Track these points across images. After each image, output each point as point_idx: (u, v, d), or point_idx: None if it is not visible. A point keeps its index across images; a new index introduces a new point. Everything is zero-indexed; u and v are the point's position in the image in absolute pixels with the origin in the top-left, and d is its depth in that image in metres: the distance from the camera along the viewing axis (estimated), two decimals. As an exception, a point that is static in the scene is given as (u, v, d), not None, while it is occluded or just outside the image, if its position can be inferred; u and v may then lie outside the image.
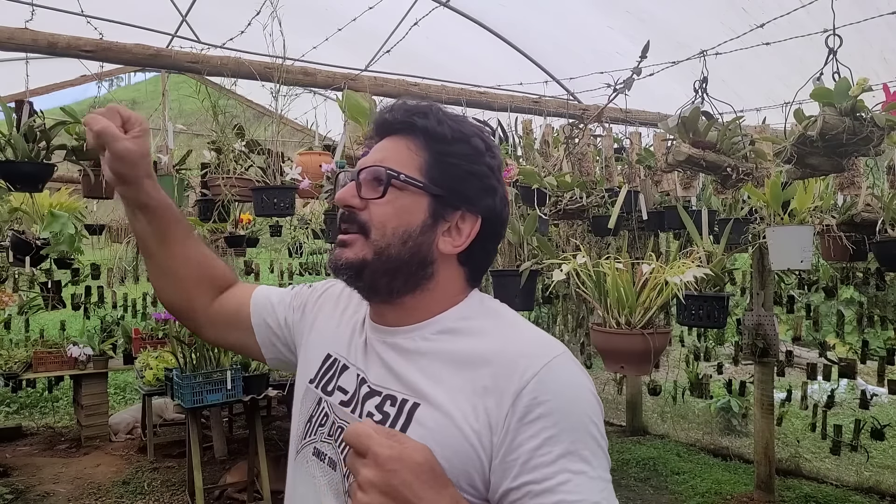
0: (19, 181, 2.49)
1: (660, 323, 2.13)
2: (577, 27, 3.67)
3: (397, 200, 0.86)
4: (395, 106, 0.92)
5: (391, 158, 0.88)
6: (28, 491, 4.35)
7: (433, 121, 0.89)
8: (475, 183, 0.90)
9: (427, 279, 0.88)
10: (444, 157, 0.88)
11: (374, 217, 0.86)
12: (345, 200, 0.88)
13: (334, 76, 2.94)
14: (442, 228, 0.88)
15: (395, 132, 0.91)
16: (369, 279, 0.87)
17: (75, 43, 2.47)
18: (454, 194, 0.88)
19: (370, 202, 0.87)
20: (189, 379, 3.47)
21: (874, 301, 4.30)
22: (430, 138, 0.89)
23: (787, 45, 2.70)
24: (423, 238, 0.87)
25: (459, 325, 0.88)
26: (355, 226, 0.87)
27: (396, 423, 0.82)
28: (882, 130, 1.76)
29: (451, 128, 0.90)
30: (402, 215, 0.86)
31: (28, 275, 4.92)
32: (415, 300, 0.89)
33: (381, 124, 0.93)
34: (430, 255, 0.88)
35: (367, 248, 0.86)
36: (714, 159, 2.04)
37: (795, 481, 4.60)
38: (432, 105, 0.93)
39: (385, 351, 0.89)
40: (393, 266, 0.86)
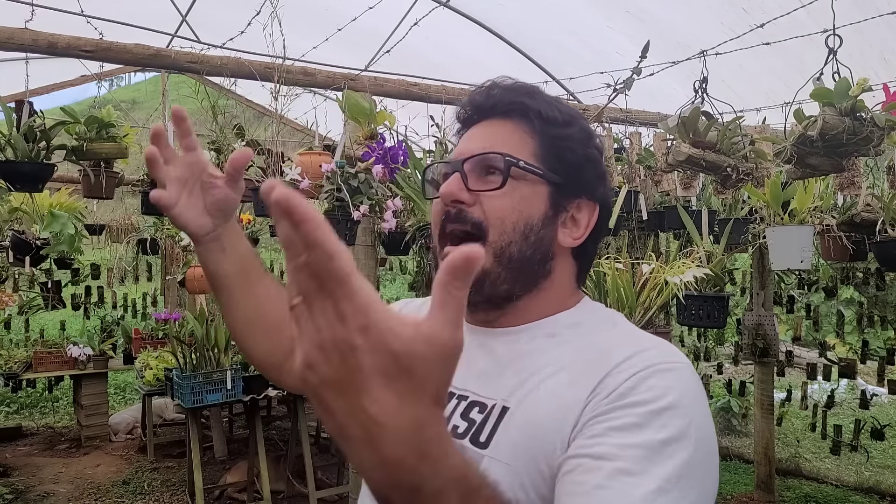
0: (19, 181, 2.50)
1: (660, 323, 2.13)
2: (576, 27, 3.67)
3: (516, 191, 0.76)
4: (494, 86, 0.82)
5: (502, 144, 0.78)
6: (28, 491, 4.35)
7: (542, 102, 0.80)
8: (591, 169, 0.82)
9: (545, 277, 0.79)
10: (559, 142, 0.79)
11: (491, 212, 0.76)
12: (452, 195, 0.77)
13: (334, 76, 2.94)
14: (561, 220, 0.80)
15: (497, 115, 0.81)
16: (489, 291, 0.76)
17: (75, 43, 2.47)
18: (573, 181, 0.80)
19: (483, 195, 0.76)
20: (189, 379, 3.47)
21: (874, 301, 4.30)
22: (543, 121, 0.79)
23: (788, 45, 2.70)
24: (545, 232, 0.78)
25: (568, 331, 0.78)
26: (468, 225, 0.76)
27: (482, 430, 0.73)
28: (882, 130, 1.76)
29: (561, 110, 0.81)
30: (523, 207, 0.77)
31: (28, 275, 4.92)
32: (528, 301, 0.79)
33: (478, 107, 0.82)
34: (551, 250, 0.79)
35: (485, 255, 0.76)
36: (714, 159, 2.04)
37: (795, 481, 4.60)
38: (532, 85, 0.83)
39: (479, 355, 0.79)
40: (515, 267, 0.76)
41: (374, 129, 2.58)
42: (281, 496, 4.06)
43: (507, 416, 0.72)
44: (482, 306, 0.79)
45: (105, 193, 2.81)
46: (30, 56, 2.58)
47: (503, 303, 0.78)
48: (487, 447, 0.71)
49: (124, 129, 2.79)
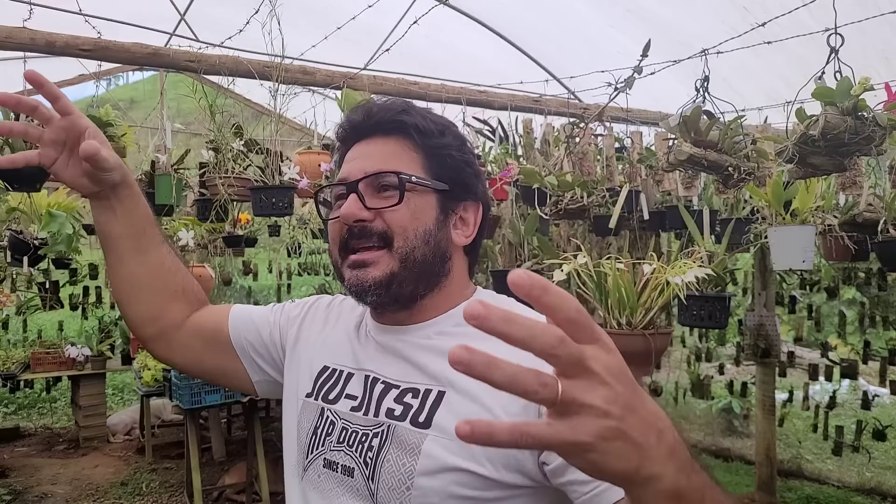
0: (17, 181, 2.48)
1: (661, 323, 2.11)
2: (577, 25, 3.65)
3: (410, 202, 0.84)
4: (373, 108, 0.89)
5: (392, 161, 0.85)
6: (26, 492, 4.34)
7: (418, 117, 0.88)
8: (468, 171, 0.90)
9: (444, 275, 0.88)
10: (438, 151, 0.87)
11: (393, 224, 0.83)
12: (354, 215, 0.83)
13: (333, 75, 2.92)
14: (451, 221, 0.88)
15: (379, 134, 0.88)
16: (396, 291, 0.84)
17: (73, 42, 2.46)
18: (456, 186, 0.88)
19: (382, 211, 0.84)
20: (187, 380, 3.46)
21: (876, 301, 4.29)
22: (421, 134, 0.87)
23: (789, 43, 2.69)
24: (441, 234, 0.87)
25: None
26: (374, 238, 0.83)
27: (421, 412, 0.79)
28: (884, 130, 1.74)
29: (434, 122, 0.89)
30: (419, 216, 0.85)
31: (26, 275, 4.90)
32: (431, 299, 0.87)
33: (357, 127, 0.89)
34: (448, 249, 0.88)
35: (391, 260, 0.83)
36: (715, 159, 2.02)
37: (797, 482, 4.59)
38: (405, 101, 0.91)
39: (401, 348, 0.87)
40: (419, 269, 0.84)
41: (373, 128, 2.56)
42: (279, 497, 4.04)
43: (446, 398, 0.79)
44: (390, 307, 0.86)
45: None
46: (28, 55, 2.57)
47: (409, 302, 0.86)
48: (429, 427, 0.78)
49: (122, 129, 2.77)
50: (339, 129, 0.92)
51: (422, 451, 0.76)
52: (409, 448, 0.77)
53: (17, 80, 3.19)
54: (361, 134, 0.89)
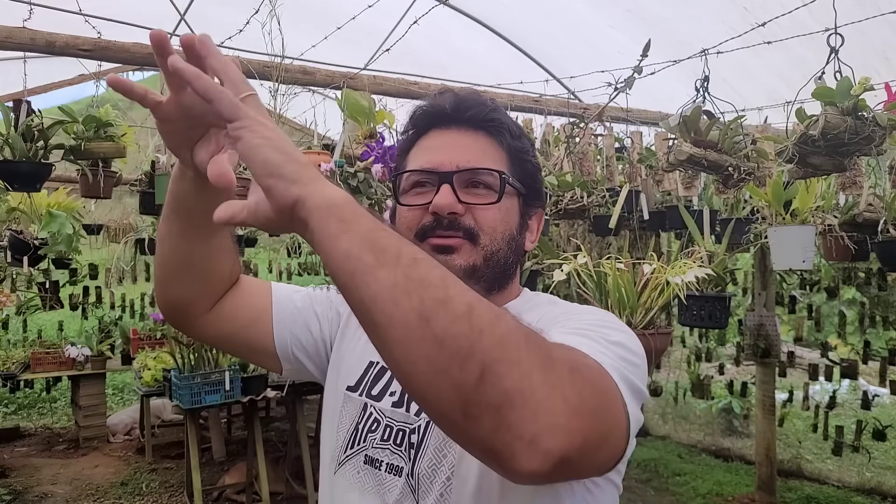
0: (17, 181, 2.48)
1: (661, 323, 2.11)
2: (577, 25, 3.65)
3: (503, 204, 0.83)
4: (465, 99, 0.85)
5: (485, 158, 0.84)
6: (26, 492, 4.34)
7: (505, 117, 0.87)
8: (539, 176, 0.91)
9: (512, 277, 0.88)
10: (520, 154, 0.87)
11: (484, 222, 0.82)
12: (449, 207, 0.81)
13: (333, 75, 2.92)
14: (526, 226, 0.89)
15: (469, 126, 0.85)
16: (474, 285, 0.80)
17: (73, 42, 2.46)
18: (532, 191, 0.89)
19: (474, 208, 0.82)
20: (187, 380, 3.46)
21: (876, 301, 4.29)
22: (510, 135, 0.86)
23: (789, 43, 2.69)
24: (521, 238, 0.87)
25: (521, 314, 0.82)
26: (461, 232, 0.82)
27: None
28: (884, 130, 1.75)
29: (516, 123, 0.89)
30: (507, 219, 0.84)
31: (26, 275, 4.90)
32: (494, 299, 0.79)
33: (446, 116, 0.85)
34: (521, 255, 0.88)
35: (475, 254, 0.82)
36: (715, 159, 2.03)
37: (797, 482, 4.59)
38: (493, 99, 0.89)
39: None
40: (499, 270, 0.84)
41: (373, 128, 2.57)
42: (280, 497, 4.04)
43: None
44: None
45: (103, 193, 2.79)
46: (28, 55, 2.57)
47: None
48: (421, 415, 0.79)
49: (122, 129, 2.77)
50: (418, 110, 0.88)
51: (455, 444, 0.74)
52: (446, 440, 0.76)
53: (16, 81, 3.19)
54: (446, 122, 0.86)
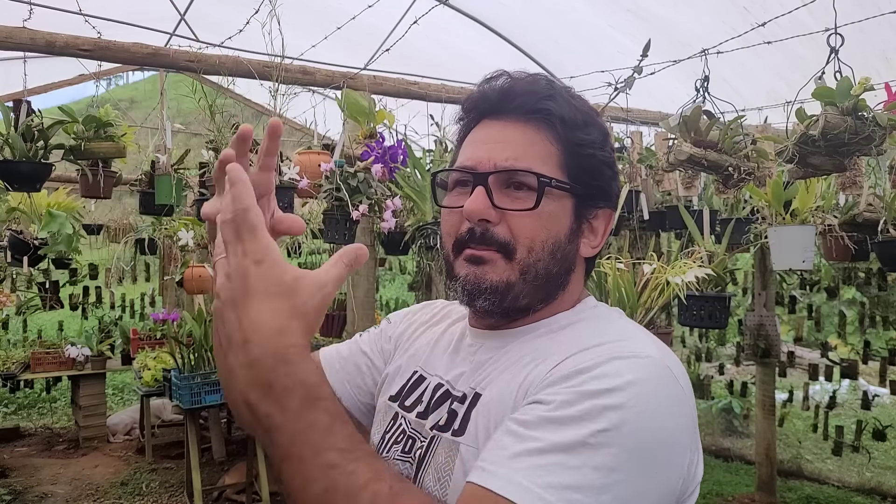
0: (17, 181, 2.48)
1: (661, 323, 2.11)
2: (577, 25, 3.65)
3: (544, 208, 0.72)
4: (514, 86, 0.76)
5: (528, 154, 0.73)
6: (26, 492, 4.33)
7: (564, 104, 0.74)
8: (608, 173, 0.77)
9: (563, 289, 0.77)
10: (579, 148, 0.74)
11: (520, 232, 0.72)
12: (480, 213, 0.71)
13: (333, 75, 2.92)
14: (582, 231, 0.77)
15: (517, 116, 0.74)
16: (509, 305, 0.73)
17: (73, 42, 2.46)
18: (594, 190, 0.76)
19: (510, 214, 0.72)
20: (187, 380, 3.45)
21: (876, 301, 4.29)
22: (565, 126, 0.74)
23: (789, 43, 2.69)
24: (571, 246, 0.75)
25: (561, 328, 0.76)
26: (494, 245, 0.72)
27: (455, 418, 0.73)
28: (884, 130, 1.75)
29: (580, 109, 0.76)
30: (551, 226, 0.73)
31: (26, 275, 4.91)
32: (540, 311, 0.76)
33: (494, 105, 0.76)
34: (573, 262, 0.77)
35: (510, 270, 0.72)
36: (715, 159, 2.02)
37: (797, 482, 4.59)
38: (551, 81, 0.77)
39: (478, 353, 0.79)
40: (540, 283, 0.73)
41: (373, 128, 2.57)
42: (280, 497, 4.04)
43: (479, 402, 0.72)
44: (496, 317, 0.76)
45: (103, 193, 2.79)
46: (28, 55, 2.57)
47: (518, 314, 0.76)
48: (462, 434, 0.71)
49: (122, 129, 2.77)
50: (468, 99, 0.79)
51: (457, 460, 0.70)
52: (447, 458, 0.72)
53: (16, 81, 3.19)
54: (494, 111, 0.76)
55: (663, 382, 0.64)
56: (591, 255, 0.79)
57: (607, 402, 0.59)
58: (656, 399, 0.62)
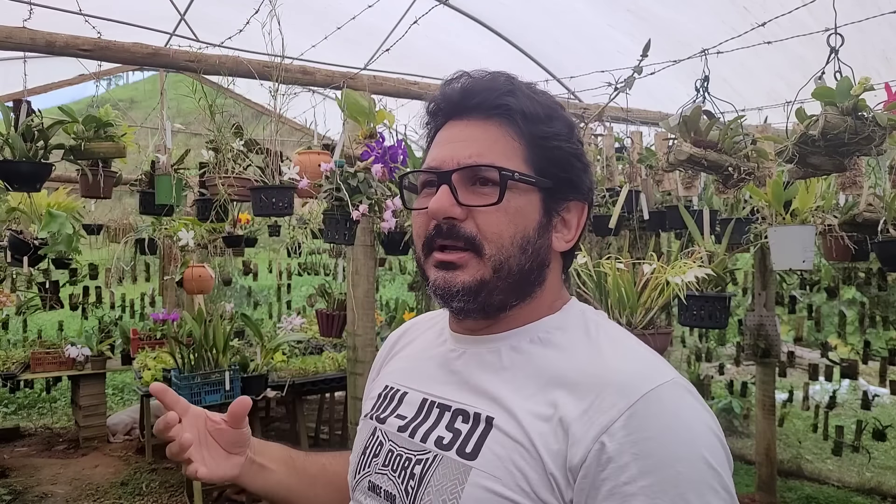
0: (17, 181, 2.48)
1: (661, 323, 2.11)
2: (577, 25, 3.65)
3: (510, 203, 0.72)
4: (474, 85, 0.76)
5: (491, 151, 0.73)
6: (26, 492, 4.33)
7: (524, 98, 0.75)
8: (577, 165, 0.77)
9: (539, 285, 0.77)
10: (543, 141, 0.75)
11: (486, 228, 0.72)
12: (444, 211, 0.72)
13: (333, 75, 2.92)
14: (553, 224, 0.77)
15: (478, 114, 0.75)
16: (484, 300, 0.74)
17: (73, 42, 2.46)
18: (562, 183, 0.76)
19: (476, 211, 0.72)
20: (187, 380, 3.46)
21: (876, 301, 4.29)
22: (526, 120, 0.74)
23: (789, 43, 2.68)
24: (541, 241, 0.75)
25: (551, 337, 0.76)
26: (461, 241, 0.73)
27: (469, 441, 0.71)
28: (884, 130, 1.74)
29: (542, 103, 0.76)
30: (518, 220, 0.73)
31: (26, 275, 4.90)
32: (519, 310, 0.77)
33: (455, 105, 0.77)
34: (547, 257, 0.77)
35: (482, 267, 0.72)
36: (715, 159, 2.02)
37: (797, 482, 4.59)
38: (511, 77, 0.78)
39: (464, 364, 0.79)
40: (514, 280, 0.74)
41: (373, 128, 2.57)
42: (280, 497, 4.04)
43: (494, 428, 0.70)
44: (474, 315, 0.76)
45: (103, 193, 2.79)
46: (28, 55, 2.57)
47: (495, 312, 0.76)
48: (475, 459, 0.70)
49: (122, 129, 2.77)
50: (430, 104, 0.80)
51: (466, 485, 0.68)
52: (454, 481, 0.70)
53: (16, 81, 3.19)
54: (457, 112, 0.77)
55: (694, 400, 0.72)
56: (566, 248, 0.79)
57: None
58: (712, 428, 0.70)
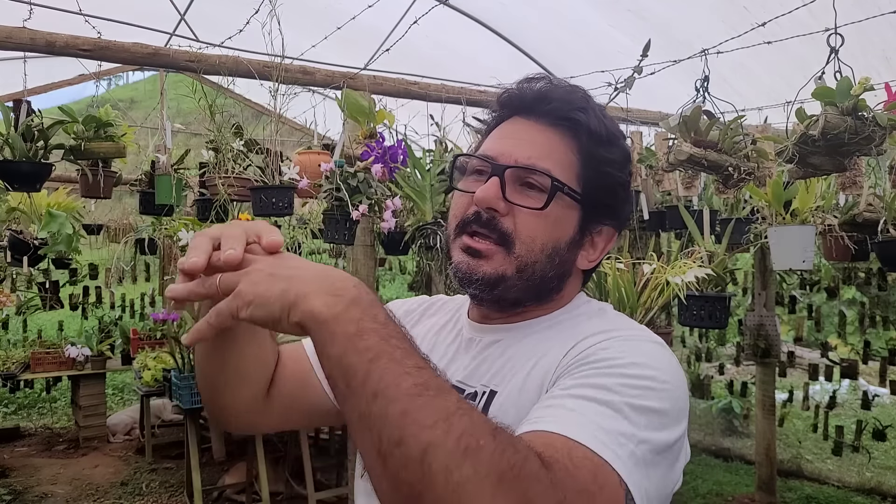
0: (17, 181, 2.48)
1: (661, 323, 2.11)
2: (577, 25, 3.65)
3: (552, 212, 0.74)
4: (552, 92, 0.77)
5: (548, 158, 0.75)
6: (26, 492, 4.34)
7: (594, 118, 0.76)
8: (621, 194, 0.80)
9: (557, 292, 0.80)
10: (599, 164, 0.77)
11: (523, 228, 0.74)
12: (489, 202, 0.74)
13: (333, 75, 2.92)
14: (584, 242, 0.79)
15: (546, 120, 0.77)
16: (501, 293, 0.76)
17: (73, 42, 2.46)
18: (604, 207, 0.78)
19: (518, 210, 0.74)
20: (187, 379, 3.46)
21: (876, 301, 4.29)
22: (590, 139, 0.76)
23: (789, 43, 2.68)
24: (569, 255, 0.78)
25: (562, 319, 0.80)
26: (495, 234, 0.74)
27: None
28: (884, 130, 1.74)
29: (608, 127, 0.78)
30: (554, 229, 0.75)
31: (26, 275, 4.90)
32: (534, 309, 0.80)
33: (527, 105, 0.78)
34: (570, 271, 0.79)
35: (507, 263, 0.74)
36: (715, 159, 2.02)
37: (797, 482, 4.59)
38: (588, 96, 0.79)
39: (475, 350, 0.81)
40: (533, 283, 0.76)
41: (373, 128, 2.57)
42: (280, 497, 4.04)
43: (496, 399, 0.73)
44: (487, 305, 0.80)
45: (103, 193, 2.79)
46: (28, 55, 2.57)
47: (509, 307, 0.79)
48: None
49: (122, 129, 2.77)
50: (504, 93, 0.81)
51: None
52: None
53: (16, 81, 3.19)
54: (526, 111, 0.78)
55: (660, 352, 0.72)
56: (588, 268, 0.81)
57: (637, 373, 0.66)
58: (673, 365, 0.70)
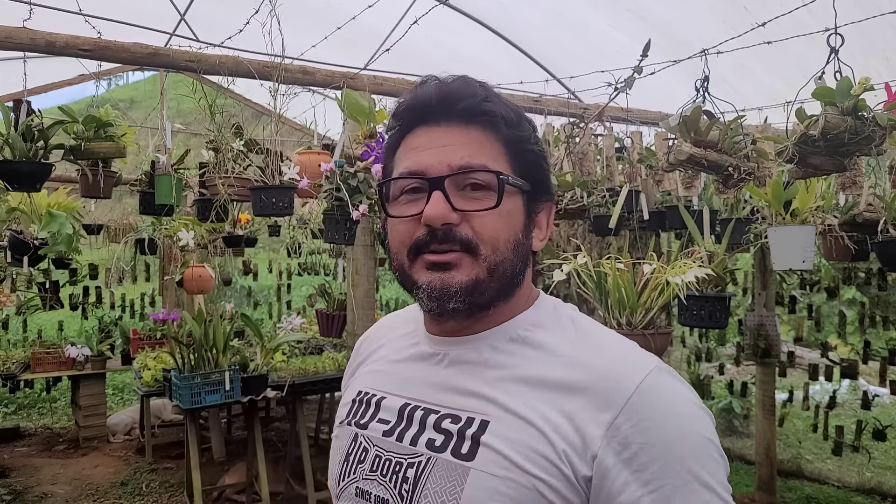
0: (17, 181, 2.48)
1: (661, 323, 2.11)
2: (577, 25, 3.65)
3: (504, 207, 0.73)
4: (453, 90, 0.75)
5: (483, 155, 0.74)
6: (26, 492, 4.34)
7: (500, 104, 0.76)
8: (545, 166, 0.80)
9: (520, 284, 0.78)
10: (521, 146, 0.76)
11: (482, 231, 0.72)
12: (444, 217, 0.71)
13: (333, 75, 2.92)
14: (533, 225, 0.79)
15: (458, 120, 0.75)
16: (475, 300, 0.74)
17: (73, 42, 2.46)
18: (538, 185, 0.79)
19: (471, 215, 0.72)
20: (187, 380, 3.45)
21: (876, 301, 4.29)
22: (507, 125, 0.75)
23: (789, 43, 2.68)
24: (527, 241, 0.78)
25: (530, 335, 0.77)
26: (457, 245, 0.72)
27: (463, 442, 0.72)
28: (884, 130, 1.74)
29: (511, 107, 0.77)
30: (510, 222, 0.75)
31: (26, 275, 4.91)
32: (501, 308, 0.78)
33: (432, 111, 0.75)
34: (528, 257, 0.79)
35: (477, 268, 0.72)
36: (715, 159, 2.02)
37: (797, 482, 4.59)
38: (481, 82, 0.77)
39: (446, 367, 0.79)
40: (505, 281, 0.75)
41: (373, 128, 2.57)
42: (280, 497, 4.04)
43: (489, 429, 0.71)
44: (460, 315, 0.75)
45: (103, 193, 2.79)
46: (28, 55, 2.57)
47: (479, 311, 0.76)
48: (472, 460, 0.70)
49: (122, 129, 2.77)
50: (402, 105, 0.78)
51: (466, 485, 0.69)
52: (452, 483, 0.70)
53: (17, 81, 3.19)
54: (433, 118, 0.75)
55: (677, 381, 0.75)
56: (540, 247, 0.81)
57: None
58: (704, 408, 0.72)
